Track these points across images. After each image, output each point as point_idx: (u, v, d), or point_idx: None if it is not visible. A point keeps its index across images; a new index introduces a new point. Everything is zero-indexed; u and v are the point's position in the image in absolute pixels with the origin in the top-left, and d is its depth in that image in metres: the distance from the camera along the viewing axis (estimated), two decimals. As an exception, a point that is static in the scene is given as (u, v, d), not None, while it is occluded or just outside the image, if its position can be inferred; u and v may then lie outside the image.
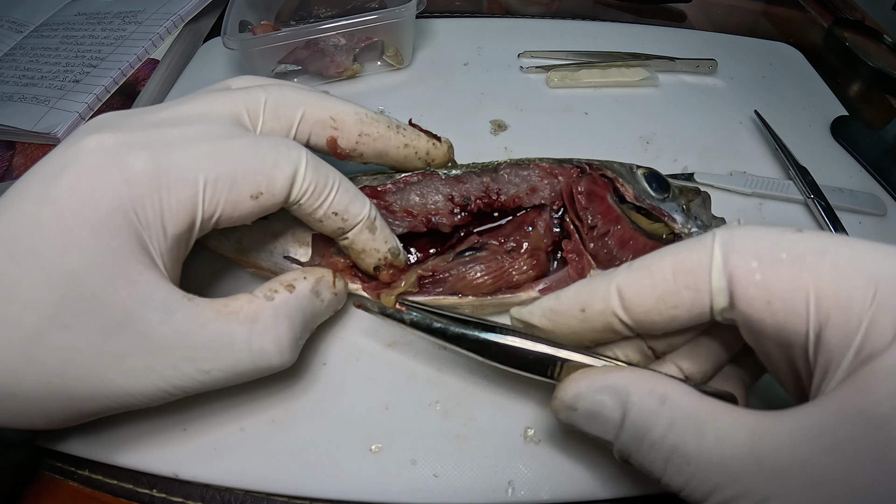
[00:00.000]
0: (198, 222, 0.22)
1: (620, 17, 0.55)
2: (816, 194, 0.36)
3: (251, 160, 0.22)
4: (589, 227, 0.29)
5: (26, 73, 0.45)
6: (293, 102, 0.26)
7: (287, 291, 0.24)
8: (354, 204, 0.25)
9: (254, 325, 0.22)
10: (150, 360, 0.20)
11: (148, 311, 0.20)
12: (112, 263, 0.20)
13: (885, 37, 0.53)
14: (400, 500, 0.24)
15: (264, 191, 0.23)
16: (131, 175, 0.20)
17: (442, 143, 0.31)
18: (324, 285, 0.26)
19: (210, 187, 0.21)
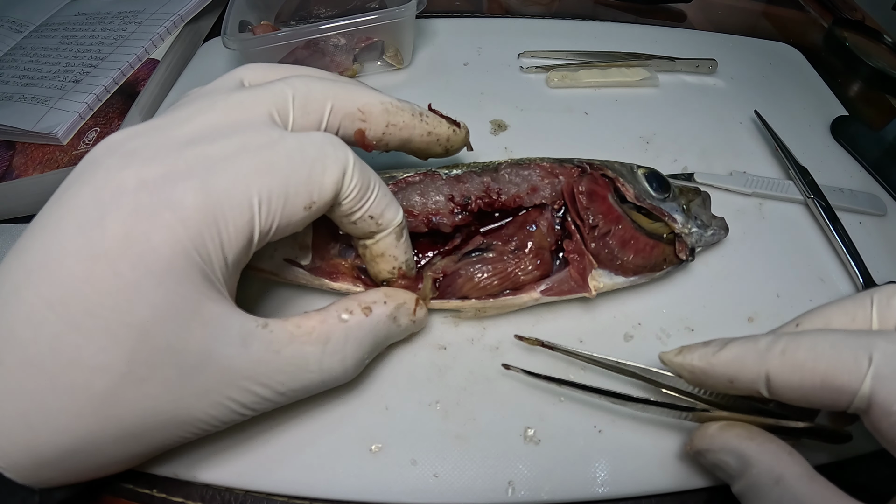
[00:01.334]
0: (255, 242, 0.21)
1: (620, 17, 0.55)
2: (816, 194, 0.36)
3: (300, 169, 0.21)
4: (590, 227, 0.29)
5: (26, 73, 0.45)
6: (321, 95, 0.24)
7: (363, 314, 0.24)
8: (391, 209, 0.25)
9: (325, 346, 0.22)
10: (230, 391, 0.20)
11: (225, 347, 0.20)
12: (183, 309, 0.19)
13: (885, 37, 0.53)
14: (400, 500, 0.24)
15: (316, 199, 0.22)
16: (185, 212, 0.19)
17: (461, 129, 0.30)
18: (404, 312, 0.26)
19: (265, 207, 0.20)
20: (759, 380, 0.21)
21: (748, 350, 0.21)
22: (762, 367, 0.20)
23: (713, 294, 0.32)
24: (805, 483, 0.20)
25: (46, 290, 0.18)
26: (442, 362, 0.29)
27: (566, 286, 0.29)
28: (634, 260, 0.29)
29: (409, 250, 0.27)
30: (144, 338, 0.18)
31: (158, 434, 0.20)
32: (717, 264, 0.33)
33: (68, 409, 0.18)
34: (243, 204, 0.20)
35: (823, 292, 0.32)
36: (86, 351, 0.18)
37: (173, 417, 0.20)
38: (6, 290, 0.18)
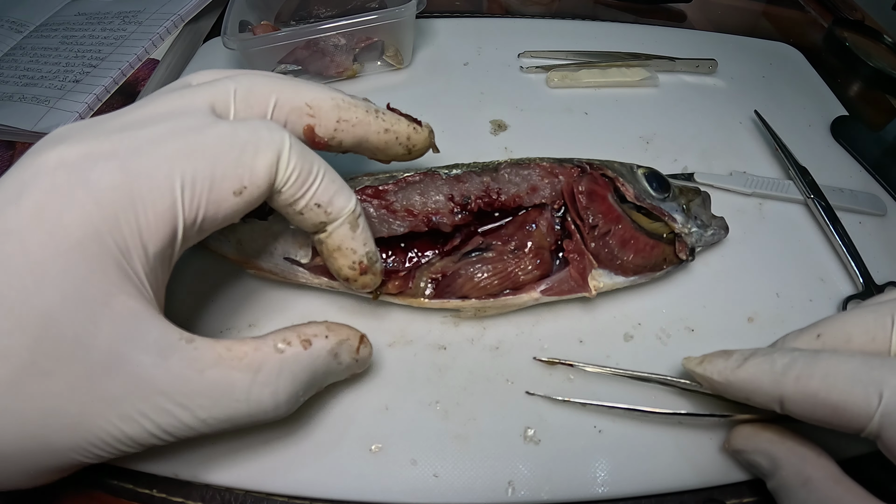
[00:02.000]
0: (180, 232, 0.20)
1: (620, 17, 0.55)
2: (816, 194, 0.36)
3: (229, 151, 0.20)
4: (590, 227, 0.29)
5: (26, 73, 0.45)
6: (265, 90, 0.23)
7: (301, 346, 0.22)
8: (340, 196, 0.23)
9: (256, 376, 0.20)
10: (143, 405, 0.19)
11: (139, 353, 0.18)
12: (92, 298, 0.18)
13: (885, 37, 0.53)
14: (400, 500, 0.24)
15: (247, 184, 0.20)
16: (100, 193, 0.18)
17: (423, 128, 0.28)
18: (345, 349, 0.23)
19: (188, 191, 0.19)
20: (774, 402, 0.21)
21: (765, 371, 0.21)
22: (777, 391, 0.21)
23: (713, 294, 0.32)
24: (831, 485, 0.20)
25: None
26: (442, 362, 0.29)
27: (566, 286, 0.29)
28: (634, 260, 0.29)
29: (370, 242, 0.25)
30: (50, 324, 0.17)
31: (63, 441, 0.18)
32: (717, 264, 0.33)
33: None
34: (163, 186, 0.19)
35: (823, 292, 0.32)
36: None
37: (79, 423, 0.18)
38: None
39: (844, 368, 0.20)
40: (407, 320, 0.30)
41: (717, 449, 0.26)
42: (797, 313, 0.31)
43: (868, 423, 0.19)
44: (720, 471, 0.25)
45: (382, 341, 0.29)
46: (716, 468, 0.25)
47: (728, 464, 0.26)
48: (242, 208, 0.21)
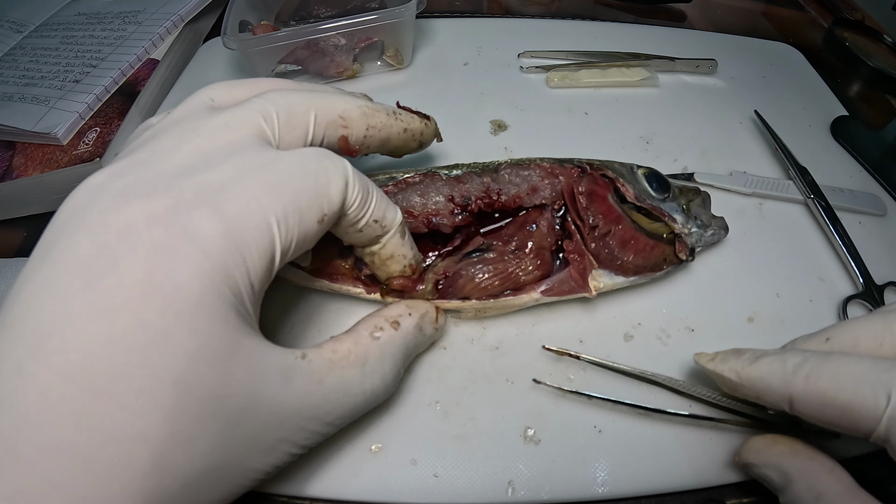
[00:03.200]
0: (276, 264, 0.20)
1: (620, 17, 0.55)
2: (816, 194, 0.36)
3: (306, 184, 0.21)
4: (590, 227, 0.29)
5: (26, 73, 0.45)
6: (302, 108, 0.24)
7: (392, 329, 0.24)
8: (390, 209, 0.25)
9: (364, 368, 0.22)
10: (281, 432, 0.19)
11: (268, 386, 0.19)
12: (221, 351, 0.17)
13: (885, 37, 0.53)
14: (400, 500, 0.24)
15: (327, 212, 0.21)
16: (207, 244, 0.17)
17: (431, 122, 0.30)
18: (427, 321, 0.26)
19: (283, 226, 0.20)
20: (783, 401, 0.21)
21: (775, 371, 0.22)
22: (786, 391, 0.21)
23: (713, 294, 0.32)
24: (845, 500, 0.20)
25: (59, 361, 0.15)
26: (442, 362, 0.29)
27: (566, 286, 0.29)
28: (634, 260, 0.29)
29: (414, 245, 0.27)
30: (184, 391, 0.16)
31: (214, 494, 0.18)
32: (717, 264, 0.33)
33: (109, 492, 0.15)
34: (262, 226, 0.19)
35: (823, 292, 0.32)
36: (120, 420, 0.15)
37: (226, 473, 0.18)
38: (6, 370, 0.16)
39: (854, 370, 0.20)
40: (407, 320, 0.30)
41: (717, 449, 0.26)
42: (797, 313, 0.31)
43: (876, 425, 0.19)
44: (720, 471, 0.26)
45: (382, 341, 0.29)
46: (716, 468, 0.25)
47: (728, 464, 0.26)
48: (321, 234, 0.22)
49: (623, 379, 0.28)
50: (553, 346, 0.28)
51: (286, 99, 0.23)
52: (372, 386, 0.22)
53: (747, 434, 0.26)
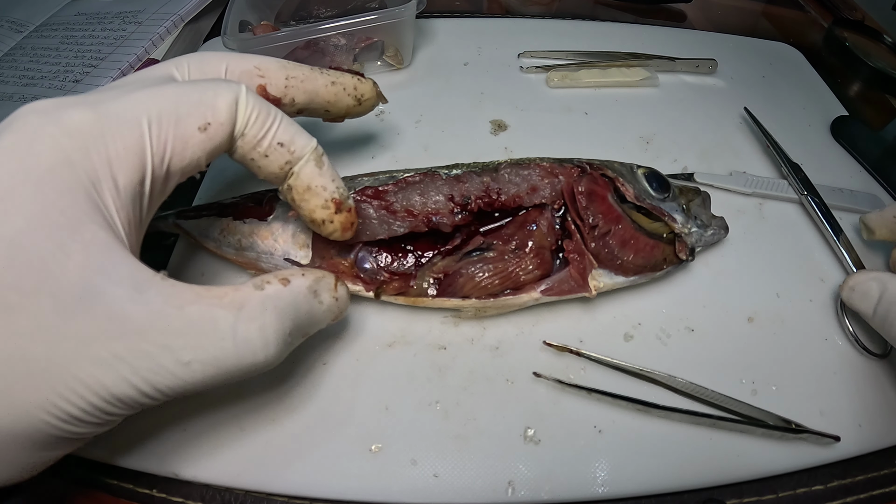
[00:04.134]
0: (149, 168, 0.20)
1: (620, 17, 0.55)
2: (810, 191, 0.36)
3: (191, 93, 0.21)
4: (590, 227, 0.29)
5: (26, 73, 0.45)
6: (216, 58, 0.25)
7: (281, 284, 0.21)
8: (300, 135, 0.24)
9: (240, 312, 0.19)
10: (119, 346, 0.17)
11: (112, 286, 0.17)
12: (61, 224, 0.17)
13: (885, 37, 0.53)
14: (400, 500, 0.24)
15: (211, 120, 0.21)
16: (71, 127, 0.19)
17: (367, 79, 0.31)
18: (324, 286, 0.24)
19: (155, 126, 0.20)
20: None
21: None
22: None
23: (713, 294, 0.32)
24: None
25: None
26: (442, 362, 0.29)
27: (566, 286, 0.29)
28: (634, 260, 0.29)
29: (338, 179, 0.25)
30: (15, 252, 0.16)
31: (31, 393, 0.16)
32: (717, 264, 0.33)
33: None
34: (132, 121, 0.19)
35: (824, 292, 0.32)
36: None
37: (48, 369, 0.16)
38: None
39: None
40: (407, 320, 0.30)
41: (717, 449, 0.26)
42: (797, 313, 0.31)
43: None
44: (720, 471, 0.25)
45: (382, 341, 0.29)
46: (716, 468, 0.25)
47: (728, 464, 0.26)
48: (209, 148, 0.22)
49: (623, 378, 0.28)
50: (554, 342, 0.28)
51: (203, 53, 0.26)
52: (246, 335, 0.19)
53: (747, 434, 0.26)
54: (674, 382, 0.27)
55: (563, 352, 0.28)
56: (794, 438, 0.26)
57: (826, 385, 0.28)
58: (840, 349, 0.30)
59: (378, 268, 0.29)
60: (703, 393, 0.27)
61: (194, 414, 0.26)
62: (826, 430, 0.26)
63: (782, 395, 0.28)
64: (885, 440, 0.27)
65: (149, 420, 0.26)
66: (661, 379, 0.27)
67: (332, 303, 0.24)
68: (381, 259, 0.29)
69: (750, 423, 0.26)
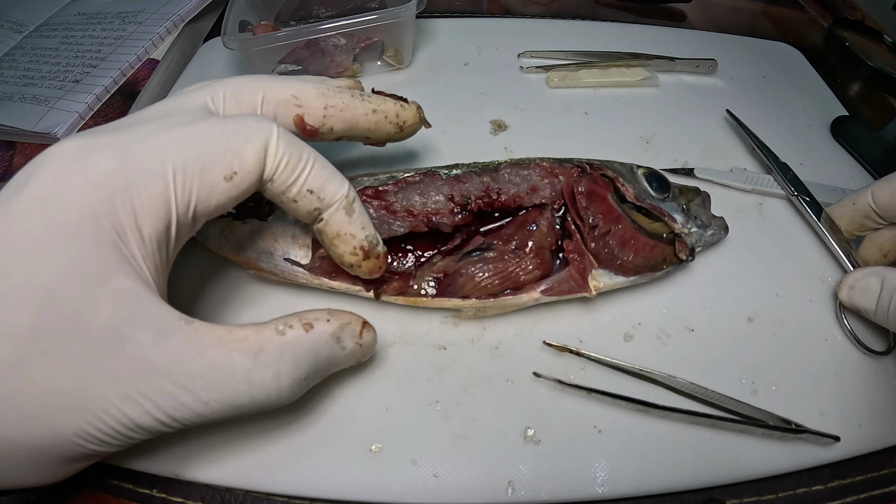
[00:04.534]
0: (174, 218, 0.20)
1: (620, 17, 0.55)
2: (800, 191, 0.36)
3: (219, 139, 0.21)
4: (590, 227, 0.29)
5: (26, 73, 0.45)
6: (253, 86, 0.25)
7: (303, 330, 0.22)
8: (332, 181, 0.24)
9: (257, 357, 0.20)
10: (144, 386, 0.19)
11: (139, 332, 0.19)
12: (90, 276, 0.18)
13: (885, 37, 0.53)
14: (400, 500, 0.24)
15: (237, 170, 0.21)
16: (97, 177, 0.19)
17: (410, 104, 0.29)
18: (348, 333, 0.23)
19: (180, 175, 0.20)
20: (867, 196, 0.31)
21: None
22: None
23: (713, 294, 0.32)
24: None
25: None
26: (442, 362, 0.29)
27: (566, 286, 0.29)
28: (634, 260, 0.29)
29: (369, 226, 0.25)
30: (50, 302, 0.18)
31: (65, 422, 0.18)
32: (717, 264, 0.33)
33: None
34: (156, 171, 0.20)
35: (824, 292, 0.32)
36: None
37: (80, 403, 0.18)
38: None
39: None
40: (407, 320, 0.30)
41: (717, 449, 0.26)
42: (797, 313, 0.31)
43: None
44: (720, 471, 0.25)
45: (383, 341, 0.29)
46: (716, 468, 0.25)
47: (728, 464, 0.26)
48: (234, 195, 0.22)
49: (623, 378, 0.28)
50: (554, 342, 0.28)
51: (239, 80, 0.25)
52: (260, 379, 0.20)
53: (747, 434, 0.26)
54: (674, 382, 0.27)
55: (563, 352, 0.28)
56: (794, 438, 0.26)
57: (826, 385, 0.28)
58: (840, 349, 0.30)
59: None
60: (703, 393, 0.27)
61: (194, 414, 0.26)
62: (826, 430, 0.26)
63: (782, 395, 0.28)
64: (885, 440, 0.27)
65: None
66: (661, 379, 0.27)
67: (356, 349, 0.24)
68: None
69: (750, 423, 0.26)
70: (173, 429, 0.20)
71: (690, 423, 0.26)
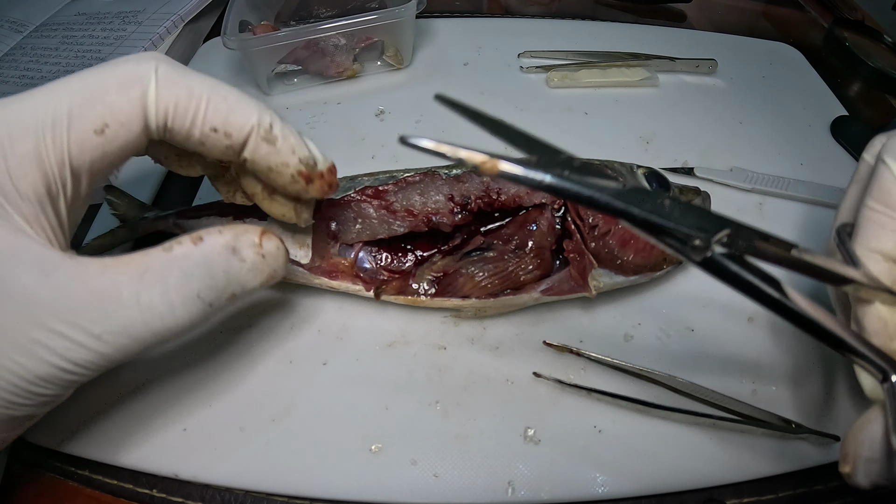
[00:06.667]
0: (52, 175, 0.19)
1: (620, 17, 0.55)
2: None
3: (86, 89, 0.20)
4: (590, 227, 0.29)
5: (26, 73, 0.45)
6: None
7: (192, 244, 0.20)
8: (236, 113, 0.21)
9: (143, 277, 0.19)
10: (33, 330, 0.18)
11: (21, 273, 0.18)
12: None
13: (885, 37, 0.53)
14: (400, 500, 0.24)
15: (109, 121, 0.20)
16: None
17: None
18: (245, 242, 0.21)
19: (48, 132, 0.19)
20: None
21: None
22: None
23: (713, 294, 0.32)
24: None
25: None
26: (442, 362, 0.29)
27: (566, 286, 0.29)
28: (634, 259, 0.29)
29: (301, 147, 0.23)
30: None
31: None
32: (717, 264, 0.33)
33: None
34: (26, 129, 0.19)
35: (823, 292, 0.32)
36: None
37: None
38: None
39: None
40: (407, 320, 0.30)
41: (717, 449, 0.26)
42: (797, 313, 0.31)
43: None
44: (720, 471, 0.25)
45: (382, 341, 0.29)
46: (716, 468, 0.25)
47: (728, 464, 0.26)
48: (113, 149, 0.20)
49: (623, 378, 0.28)
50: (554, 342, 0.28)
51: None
52: (149, 300, 0.19)
53: (747, 434, 0.26)
54: (674, 382, 0.27)
55: (563, 352, 0.28)
56: (794, 438, 0.26)
57: (826, 385, 0.28)
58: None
59: (378, 267, 0.29)
60: (703, 393, 0.27)
61: (194, 414, 0.26)
62: (826, 430, 0.26)
63: (782, 395, 0.28)
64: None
65: (149, 420, 0.26)
66: (661, 379, 0.27)
67: (258, 260, 0.22)
68: (380, 259, 0.30)
69: (750, 422, 0.26)
70: (80, 375, 0.19)
71: (690, 423, 0.26)
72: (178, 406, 0.26)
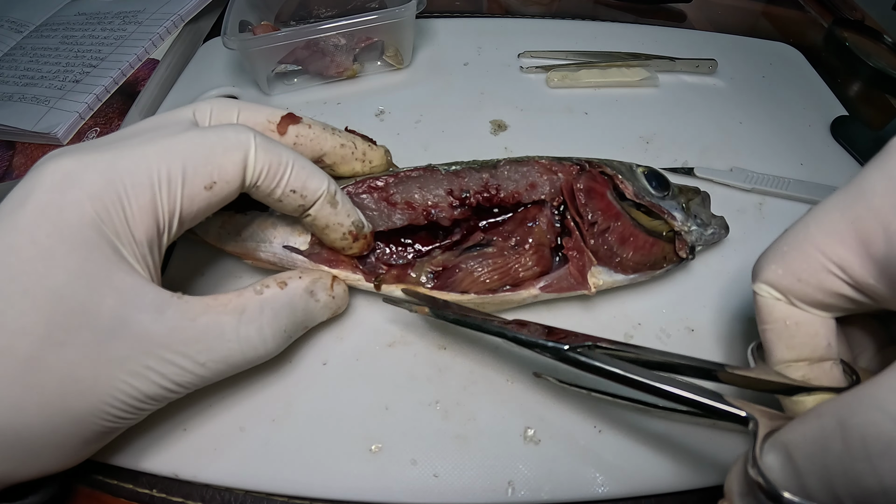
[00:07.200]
0: (162, 223, 0.22)
1: (620, 17, 0.55)
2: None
3: (198, 151, 0.23)
4: (589, 224, 0.29)
5: (26, 73, 0.45)
6: (230, 106, 0.27)
7: (278, 288, 0.25)
8: (312, 180, 0.25)
9: (241, 316, 0.23)
10: (148, 360, 0.21)
11: (138, 314, 0.21)
12: (94, 274, 0.20)
13: (885, 37, 0.53)
14: (400, 500, 0.24)
15: (217, 179, 0.23)
16: (92, 191, 0.21)
17: (378, 147, 0.31)
18: (320, 286, 0.27)
19: (164, 186, 0.22)
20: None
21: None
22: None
23: (713, 294, 0.32)
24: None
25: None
26: (442, 362, 0.29)
27: (565, 283, 0.29)
28: (634, 257, 0.29)
29: (354, 213, 0.27)
30: (60, 300, 0.20)
31: (83, 405, 0.20)
32: (716, 264, 0.33)
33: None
34: (143, 184, 0.22)
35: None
36: (8, 315, 0.19)
37: (94, 386, 0.20)
38: None
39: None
40: (407, 320, 0.30)
41: (717, 449, 0.26)
42: (797, 313, 0.31)
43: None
44: (720, 471, 0.25)
45: (382, 341, 0.29)
46: (716, 468, 0.25)
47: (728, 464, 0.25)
48: (215, 201, 0.24)
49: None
50: None
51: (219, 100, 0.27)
52: (247, 334, 0.23)
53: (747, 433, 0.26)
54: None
55: None
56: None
57: (826, 385, 0.28)
58: (840, 349, 0.30)
59: (377, 260, 0.29)
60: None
61: (194, 414, 0.26)
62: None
63: (783, 395, 0.28)
64: (885, 440, 0.27)
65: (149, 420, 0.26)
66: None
67: (329, 300, 0.28)
68: (380, 252, 0.30)
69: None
70: (179, 394, 0.22)
71: (690, 423, 0.26)
72: (178, 406, 0.26)
